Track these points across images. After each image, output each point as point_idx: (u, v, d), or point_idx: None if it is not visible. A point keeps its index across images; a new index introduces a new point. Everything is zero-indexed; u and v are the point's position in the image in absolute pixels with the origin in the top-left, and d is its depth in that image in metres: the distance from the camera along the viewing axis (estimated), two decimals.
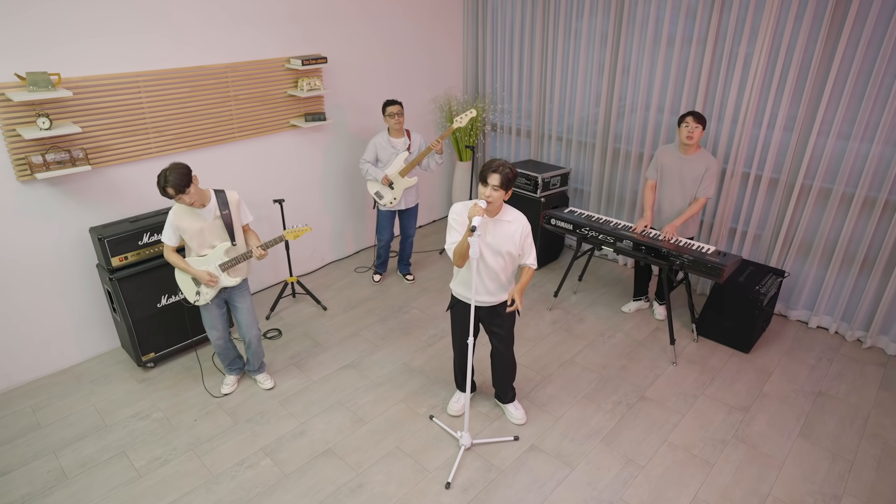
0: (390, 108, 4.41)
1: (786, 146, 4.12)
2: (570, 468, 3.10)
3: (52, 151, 3.35)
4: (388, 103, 4.42)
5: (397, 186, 4.57)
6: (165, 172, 2.95)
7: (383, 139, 4.54)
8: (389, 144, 4.53)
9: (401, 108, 4.42)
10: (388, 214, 4.77)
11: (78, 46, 3.45)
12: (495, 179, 2.75)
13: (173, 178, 2.94)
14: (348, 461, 3.16)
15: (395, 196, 4.60)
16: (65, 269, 3.74)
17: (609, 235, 4.08)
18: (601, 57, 4.88)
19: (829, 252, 4.16)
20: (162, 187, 2.96)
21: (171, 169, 2.96)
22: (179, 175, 2.96)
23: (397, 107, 4.41)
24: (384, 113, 4.45)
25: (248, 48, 4.21)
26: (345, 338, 4.28)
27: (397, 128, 4.46)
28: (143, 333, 3.80)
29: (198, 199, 3.09)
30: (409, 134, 4.57)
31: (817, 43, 3.76)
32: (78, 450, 3.24)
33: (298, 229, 3.50)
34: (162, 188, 2.96)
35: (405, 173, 4.52)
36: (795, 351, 4.09)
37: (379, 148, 4.54)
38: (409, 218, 4.84)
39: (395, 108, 4.40)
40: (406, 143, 4.55)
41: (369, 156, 4.57)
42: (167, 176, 2.94)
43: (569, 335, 4.29)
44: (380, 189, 4.61)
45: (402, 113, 4.43)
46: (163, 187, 2.95)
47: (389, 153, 4.53)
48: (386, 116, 4.44)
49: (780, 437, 3.31)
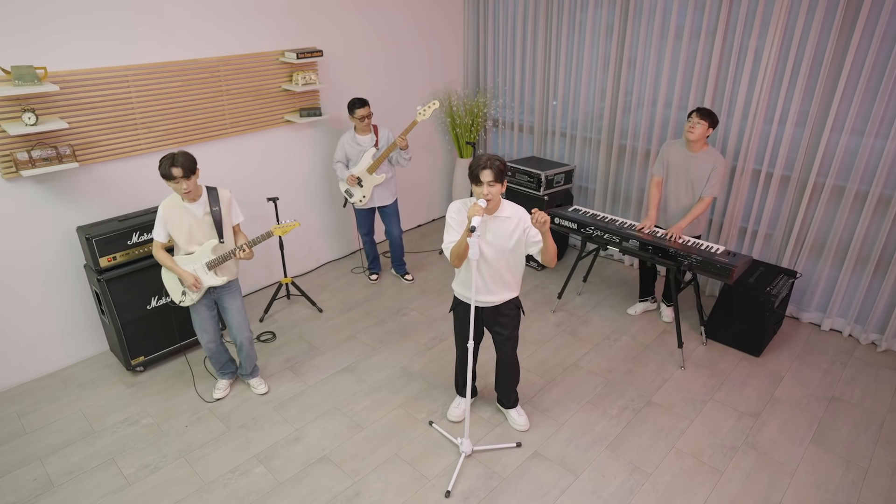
0: (359, 111, 4.34)
1: (798, 142, 4.12)
2: (574, 476, 3.10)
3: (38, 148, 3.35)
4: (357, 105, 4.35)
5: (366, 184, 4.56)
6: (173, 154, 3.03)
7: (349, 137, 4.53)
8: (355, 142, 4.52)
9: (369, 110, 4.38)
10: (365, 212, 4.79)
11: (65, 39, 3.44)
12: (488, 175, 2.73)
13: (182, 159, 3.03)
14: (345, 469, 3.15)
15: (364, 194, 4.60)
16: (51, 269, 3.74)
17: (615, 235, 4.08)
18: (607, 50, 4.88)
19: (843, 252, 4.16)
20: (167, 168, 3.00)
21: (179, 152, 3.05)
22: (188, 159, 3.05)
23: (365, 109, 4.36)
24: (351, 115, 4.39)
25: (241, 41, 4.21)
26: (341, 341, 4.28)
27: (363, 126, 4.45)
28: (133, 336, 3.79)
29: (196, 192, 3.15)
30: (375, 129, 4.56)
31: (830, 35, 3.76)
32: (65, 457, 3.24)
33: (287, 224, 3.49)
34: (167, 168, 3.00)
35: (373, 170, 4.51)
36: (808, 354, 4.09)
37: (346, 147, 4.54)
38: (389, 217, 4.82)
39: (363, 110, 4.35)
40: (373, 139, 4.53)
41: (339, 155, 4.58)
42: (175, 157, 3.02)
43: (573, 338, 4.29)
44: (349, 187, 4.62)
45: (371, 114, 4.41)
46: (168, 167, 3.00)
47: (356, 151, 4.52)
48: (355, 119, 4.39)
49: (792, 444, 3.31)
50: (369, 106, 4.40)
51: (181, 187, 3.05)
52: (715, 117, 3.81)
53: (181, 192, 3.08)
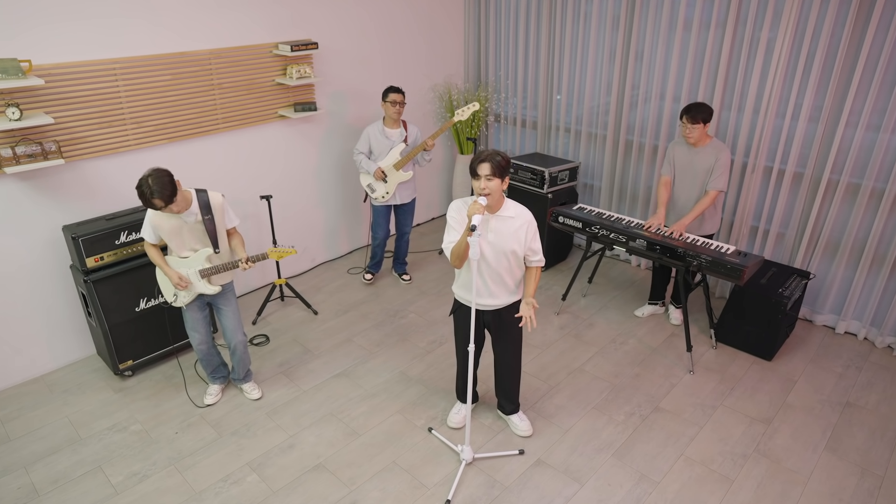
0: (392, 96, 4.40)
1: (811, 138, 4.12)
2: (579, 484, 3.10)
3: (22, 144, 3.35)
4: (391, 90, 4.41)
5: (391, 180, 4.57)
6: (147, 182, 2.87)
7: (377, 129, 4.54)
8: (384, 135, 4.54)
9: (403, 98, 4.42)
10: (384, 210, 4.78)
11: (50, 31, 3.44)
12: (486, 169, 2.74)
13: (158, 188, 2.87)
14: (341, 477, 3.16)
15: (387, 190, 4.61)
16: (36, 270, 3.74)
17: (621, 234, 4.08)
18: (613, 42, 4.88)
19: (858, 252, 4.16)
20: (148, 199, 2.90)
21: (153, 177, 2.87)
22: (164, 184, 2.89)
23: (400, 95, 4.41)
24: (384, 99, 4.43)
25: (233, 33, 4.21)
26: (337, 344, 4.28)
27: (395, 118, 4.46)
28: (121, 340, 3.79)
29: (183, 205, 3.08)
30: (405, 125, 4.58)
31: (845, 26, 3.76)
32: (50, 465, 3.24)
33: (283, 250, 3.54)
34: (147, 201, 2.91)
35: (400, 166, 4.52)
36: (821, 358, 4.09)
37: (372, 138, 4.54)
38: (406, 214, 4.84)
39: (397, 95, 4.40)
40: (402, 134, 4.55)
41: (362, 146, 4.58)
42: (151, 186, 2.86)
43: (578, 341, 4.29)
44: (372, 182, 4.62)
45: (404, 102, 4.43)
46: (149, 199, 2.90)
47: (384, 144, 4.54)
48: (387, 104, 4.43)
49: (805, 451, 3.31)
50: (404, 94, 4.42)
51: (170, 210, 3.00)
52: (707, 111, 3.80)
53: (172, 213, 3.05)
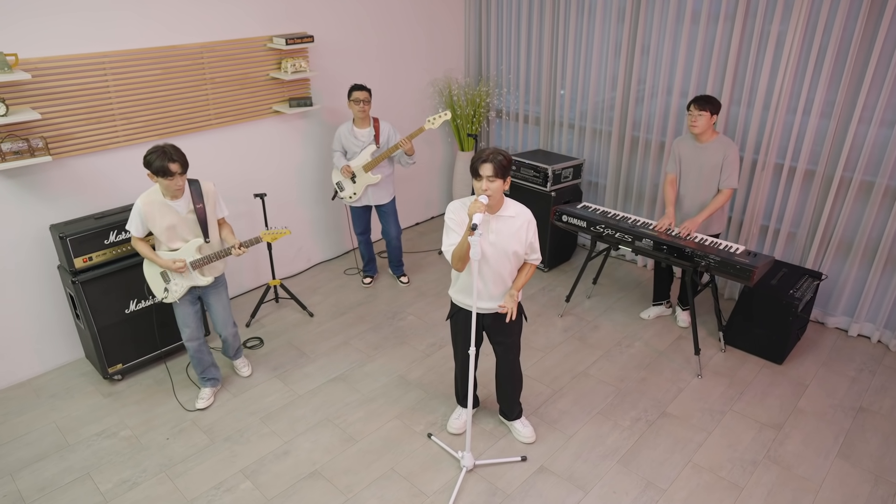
0: (356, 94, 4.35)
1: (823, 134, 4.12)
2: (583, 492, 3.10)
3: (8, 140, 3.35)
4: (354, 88, 4.37)
5: (359, 181, 4.56)
6: (162, 148, 2.97)
7: (346, 129, 4.53)
8: (353, 135, 4.51)
9: (368, 95, 4.38)
10: (359, 210, 4.78)
11: (37, 24, 3.45)
12: (488, 169, 2.74)
13: (175, 152, 2.98)
14: (337, 484, 3.16)
15: (354, 191, 4.60)
16: (22, 271, 3.74)
17: (627, 233, 4.08)
18: (618, 35, 4.88)
19: (872, 252, 4.16)
20: (163, 163, 2.95)
21: (167, 145, 2.99)
22: (181, 152, 3.02)
23: (364, 93, 4.36)
24: (349, 98, 4.40)
25: (225, 26, 4.22)
26: (333, 347, 4.28)
27: (361, 116, 4.43)
28: (110, 342, 3.80)
29: (183, 189, 3.15)
30: (376, 124, 4.54)
31: (858, 19, 3.76)
32: (37, 471, 3.24)
33: (276, 231, 3.55)
34: (163, 164, 2.95)
35: (369, 169, 4.50)
36: (834, 362, 4.09)
37: (343, 138, 4.55)
38: (387, 217, 4.82)
39: (360, 93, 4.35)
40: (371, 133, 4.52)
41: (336, 145, 4.60)
42: (167, 151, 2.96)
43: (582, 344, 4.30)
44: (342, 180, 4.62)
45: (369, 100, 4.40)
46: (165, 163, 2.94)
47: (354, 144, 4.52)
48: (351, 102, 4.39)
49: (817, 458, 3.31)
50: (369, 92, 4.40)
51: (176, 184, 3.05)
52: (716, 103, 3.81)
53: (174, 188, 3.08)
